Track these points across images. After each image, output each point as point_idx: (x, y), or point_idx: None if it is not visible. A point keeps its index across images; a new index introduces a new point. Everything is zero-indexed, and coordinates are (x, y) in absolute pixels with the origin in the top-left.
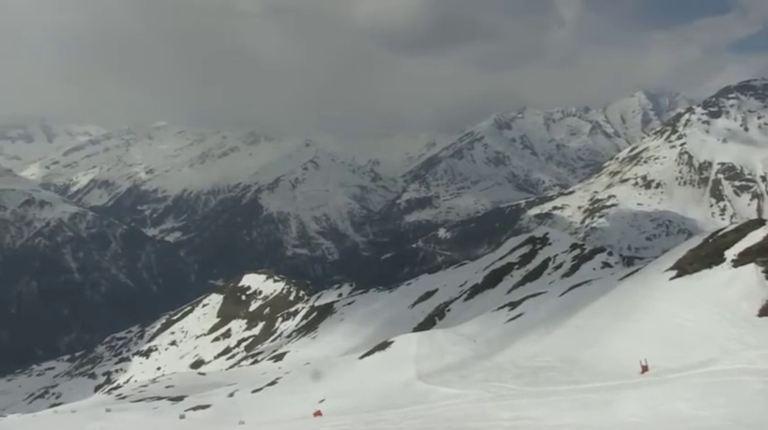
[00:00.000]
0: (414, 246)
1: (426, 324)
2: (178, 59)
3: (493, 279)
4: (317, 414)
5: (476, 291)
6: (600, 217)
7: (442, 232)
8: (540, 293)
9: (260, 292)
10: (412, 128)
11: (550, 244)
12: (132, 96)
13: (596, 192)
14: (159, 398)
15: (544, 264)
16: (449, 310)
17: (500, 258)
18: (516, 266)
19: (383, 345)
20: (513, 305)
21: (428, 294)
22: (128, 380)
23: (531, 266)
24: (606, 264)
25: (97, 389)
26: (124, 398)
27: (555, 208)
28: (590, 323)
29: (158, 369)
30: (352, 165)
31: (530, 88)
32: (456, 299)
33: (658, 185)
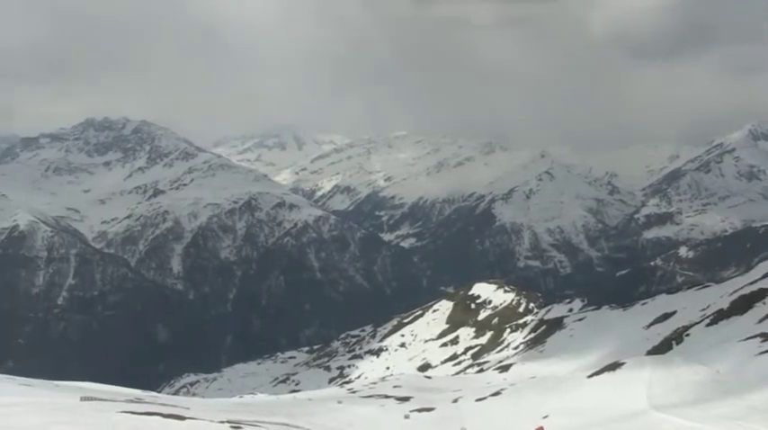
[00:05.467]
0: (652, 263)
1: (662, 348)
2: (418, 71)
3: (742, 305)
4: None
5: (720, 316)
6: None
7: (683, 251)
8: None
9: (489, 302)
10: (653, 139)
11: None
12: (374, 107)
13: None
14: (386, 397)
15: None
16: (688, 335)
17: (751, 282)
18: None
19: (613, 366)
20: (766, 336)
21: (665, 316)
22: (359, 376)
23: None
24: None
25: (331, 381)
26: (355, 392)
27: None
28: None
29: (387, 368)
30: (588, 177)
31: None
32: (697, 323)
33: None
